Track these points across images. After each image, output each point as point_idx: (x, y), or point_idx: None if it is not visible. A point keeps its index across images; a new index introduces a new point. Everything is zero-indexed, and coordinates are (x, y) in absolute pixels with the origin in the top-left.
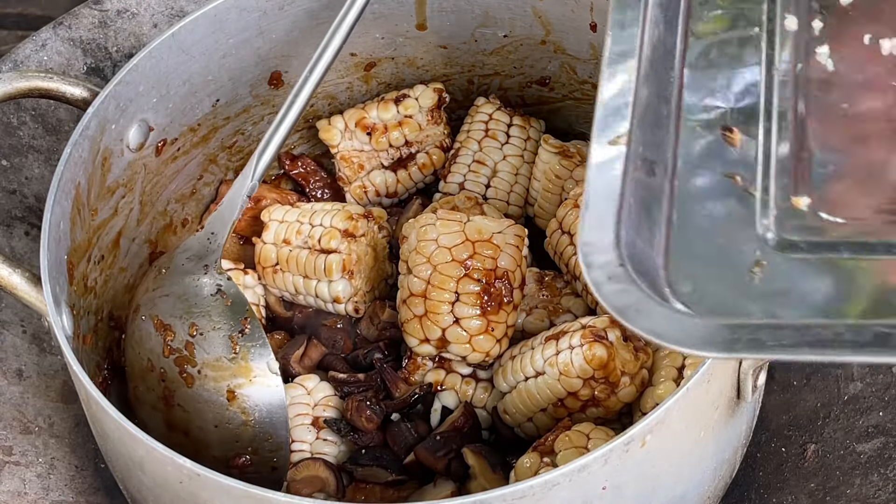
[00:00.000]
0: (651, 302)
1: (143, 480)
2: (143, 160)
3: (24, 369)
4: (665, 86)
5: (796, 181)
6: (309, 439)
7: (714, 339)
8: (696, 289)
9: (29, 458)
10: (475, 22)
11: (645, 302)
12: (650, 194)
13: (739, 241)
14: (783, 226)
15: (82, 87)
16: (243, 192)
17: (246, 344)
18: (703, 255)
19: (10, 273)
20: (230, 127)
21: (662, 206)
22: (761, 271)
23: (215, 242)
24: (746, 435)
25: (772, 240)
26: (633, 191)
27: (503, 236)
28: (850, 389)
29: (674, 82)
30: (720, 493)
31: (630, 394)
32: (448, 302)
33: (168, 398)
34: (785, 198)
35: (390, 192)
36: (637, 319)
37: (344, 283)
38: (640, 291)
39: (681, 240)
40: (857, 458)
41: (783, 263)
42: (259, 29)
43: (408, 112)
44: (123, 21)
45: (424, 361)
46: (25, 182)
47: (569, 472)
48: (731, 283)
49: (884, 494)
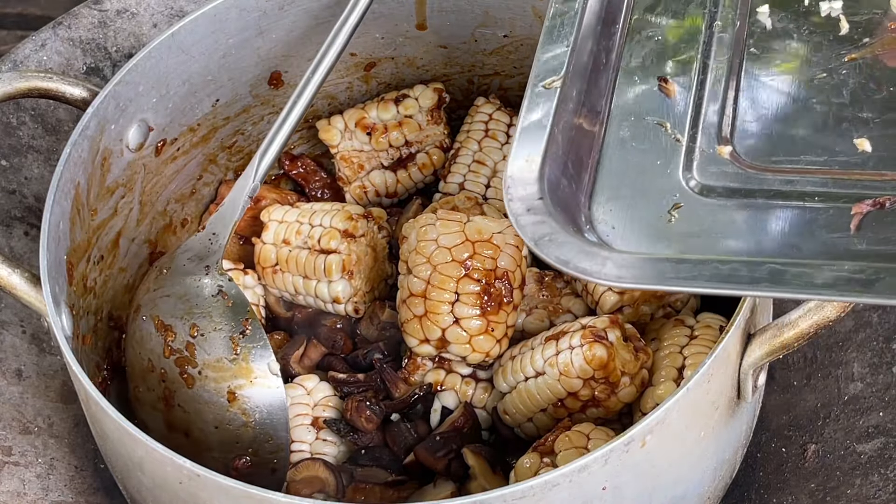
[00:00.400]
0: (564, 234)
1: (142, 481)
2: (142, 160)
3: (24, 369)
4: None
5: (721, 131)
6: (309, 439)
7: (619, 271)
8: (616, 227)
9: (28, 458)
10: (475, 22)
11: (559, 233)
12: (581, 136)
13: (662, 185)
14: (704, 172)
15: (82, 87)
16: (245, 192)
17: (247, 345)
18: (627, 196)
19: (10, 273)
20: (230, 127)
21: (592, 148)
22: (679, 213)
23: (217, 243)
24: (746, 435)
25: (692, 185)
26: (564, 131)
27: (503, 236)
28: (850, 390)
29: (616, 33)
30: (720, 493)
31: (630, 394)
32: (448, 302)
33: (168, 399)
34: (710, 146)
35: (390, 192)
36: (549, 248)
37: (344, 283)
38: (556, 223)
39: (607, 181)
40: (857, 459)
41: (700, 207)
42: (259, 29)
43: (408, 112)
44: (123, 21)
45: (424, 361)
46: (25, 182)
47: (569, 473)
48: (649, 224)
49: (884, 495)
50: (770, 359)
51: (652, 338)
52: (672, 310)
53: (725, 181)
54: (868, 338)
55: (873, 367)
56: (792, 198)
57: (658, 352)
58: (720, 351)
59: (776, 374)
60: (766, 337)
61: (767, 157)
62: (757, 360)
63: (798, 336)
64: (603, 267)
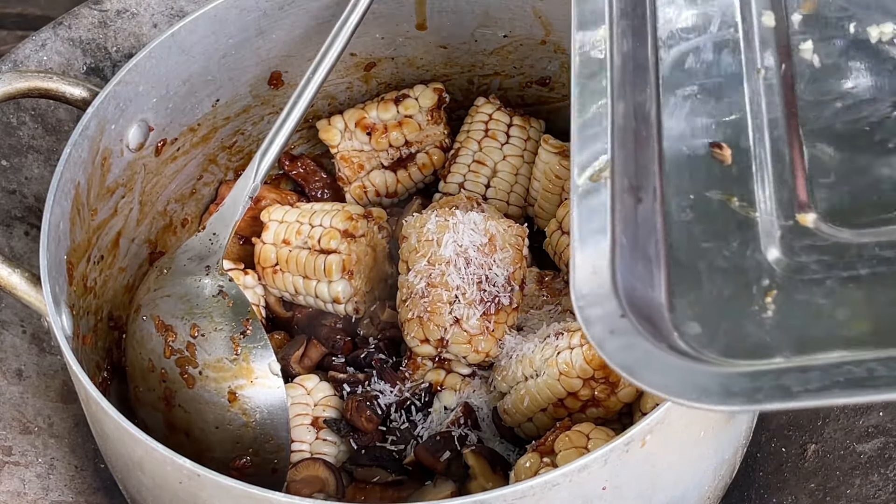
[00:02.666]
0: (660, 354)
1: (142, 481)
2: (142, 160)
3: (24, 369)
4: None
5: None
6: (309, 439)
7: (734, 390)
8: (706, 328)
9: (28, 458)
10: (475, 22)
11: (653, 355)
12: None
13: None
14: (791, 247)
15: (82, 87)
16: (245, 192)
17: (247, 345)
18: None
19: (10, 273)
20: (230, 127)
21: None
22: (773, 300)
23: (217, 243)
24: (746, 435)
25: (780, 264)
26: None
27: (503, 236)
28: None
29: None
30: (720, 493)
31: (630, 394)
32: (448, 302)
33: (169, 399)
34: (788, 215)
35: (390, 192)
36: (648, 377)
37: (344, 283)
38: (646, 342)
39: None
40: (857, 459)
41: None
42: (259, 29)
43: (408, 112)
44: (123, 21)
45: (424, 361)
46: (25, 182)
47: (569, 473)
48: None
49: (884, 495)
50: None
51: None
52: None
53: (818, 254)
54: None
55: None
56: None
57: None
58: None
59: None
60: None
61: (857, 217)
62: None
63: None
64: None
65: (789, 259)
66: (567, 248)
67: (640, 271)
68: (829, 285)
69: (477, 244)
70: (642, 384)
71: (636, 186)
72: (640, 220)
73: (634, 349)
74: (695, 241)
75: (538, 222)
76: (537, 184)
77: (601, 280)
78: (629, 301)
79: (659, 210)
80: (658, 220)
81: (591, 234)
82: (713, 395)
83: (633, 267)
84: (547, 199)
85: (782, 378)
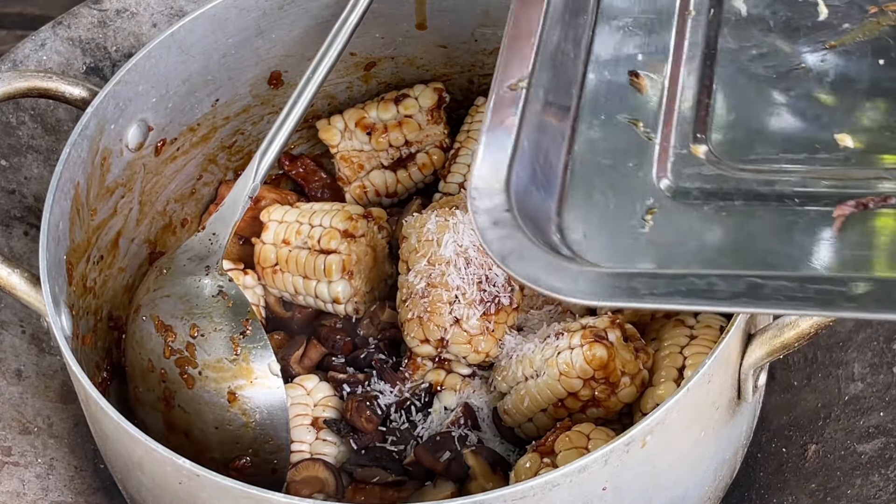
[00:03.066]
0: (534, 248)
1: (142, 481)
2: (142, 160)
3: (24, 369)
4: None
5: (696, 128)
6: (308, 440)
7: (591, 287)
8: (588, 236)
9: (28, 458)
10: (475, 22)
11: (528, 248)
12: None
13: (635, 189)
14: (679, 174)
15: (81, 86)
16: (245, 192)
17: (247, 345)
18: (598, 202)
19: (10, 273)
20: (230, 127)
21: (562, 151)
22: (653, 219)
23: (217, 243)
24: (747, 435)
25: (667, 188)
26: (531, 134)
27: None
28: (850, 390)
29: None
30: (721, 493)
31: (630, 394)
32: (448, 302)
33: (168, 399)
34: (684, 145)
35: (390, 192)
36: (518, 266)
37: (343, 283)
38: (525, 237)
39: (578, 186)
40: (857, 459)
41: (675, 212)
42: (259, 29)
43: (408, 112)
44: (123, 21)
45: (424, 361)
46: (24, 182)
47: (569, 473)
48: (622, 231)
49: (884, 495)
50: (770, 359)
51: (652, 338)
52: None
53: (701, 183)
54: (868, 338)
55: (874, 367)
56: (770, 200)
57: (658, 352)
58: (720, 351)
59: (776, 374)
60: (766, 337)
61: (744, 155)
62: (757, 361)
63: (798, 336)
64: (575, 284)
65: (675, 184)
66: None
67: (538, 177)
68: (705, 211)
69: (477, 244)
70: (513, 272)
71: (552, 102)
72: (548, 131)
73: (511, 240)
74: (596, 157)
75: None
76: None
77: (498, 177)
78: (518, 200)
79: (569, 126)
80: (566, 133)
81: (498, 134)
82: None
83: (532, 171)
84: None
85: (633, 281)
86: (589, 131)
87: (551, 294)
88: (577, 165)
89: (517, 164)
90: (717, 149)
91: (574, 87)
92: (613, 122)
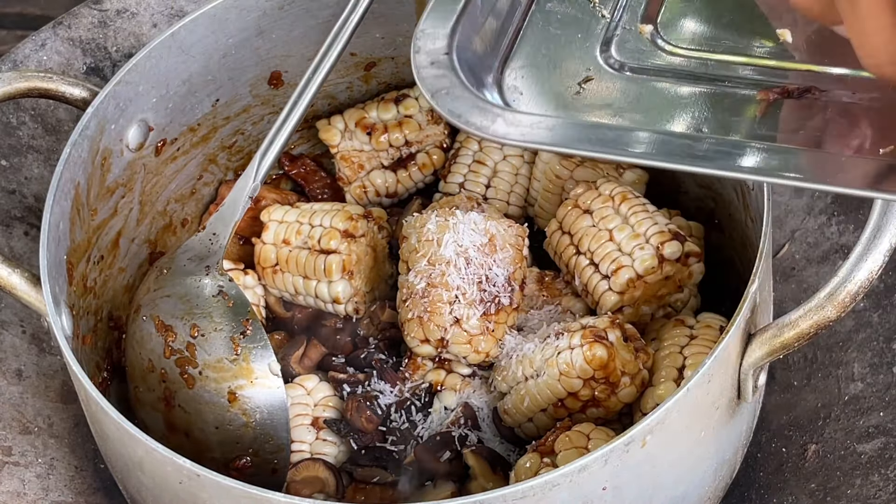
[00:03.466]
0: (463, 90)
1: (142, 481)
2: (142, 160)
3: (24, 369)
4: None
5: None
6: (309, 439)
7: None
8: (524, 94)
9: (28, 458)
10: None
11: (457, 88)
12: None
13: (578, 58)
14: (622, 49)
15: (82, 86)
16: (245, 192)
17: (247, 345)
18: (541, 66)
19: (10, 273)
20: (230, 127)
21: (515, 16)
22: (588, 87)
23: (217, 243)
24: (747, 435)
25: (607, 60)
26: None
27: (504, 236)
28: (850, 390)
29: None
30: (720, 493)
31: (630, 394)
32: (448, 302)
33: (169, 399)
34: (632, 24)
35: (390, 192)
36: (444, 101)
37: (344, 283)
38: (457, 79)
39: (524, 49)
40: (857, 459)
41: (609, 82)
42: (259, 29)
43: (408, 112)
44: (123, 21)
45: (424, 361)
46: (25, 182)
47: (569, 473)
48: (556, 94)
49: (884, 495)
50: (770, 359)
51: (652, 338)
52: (672, 310)
53: (640, 60)
54: (868, 338)
55: (873, 367)
56: (702, 80)
57: (658, 352)
58: (720, 351)
59: (776, 374)
60: (766, 337)
61: (688, 40)
62: (757, 361)
63: (798, 336)
64: (493, 123)
65: (615, 57)
66: (567, 248)
67: (486, 32)
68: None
69: (477, 244)
70: (438, 108)
71: None
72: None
73: (444, 80)
74: (547, 27)
75: (538, 222)
76: (537, 184)
77: (445, 24)
78: (460, 48)
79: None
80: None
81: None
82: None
83: (480, 26)
84: (547, 200)
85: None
86: (546, 2)
87: (470, 131)
88: (529, 31)
89: (467, 16)
90: (663, 31)
91: None
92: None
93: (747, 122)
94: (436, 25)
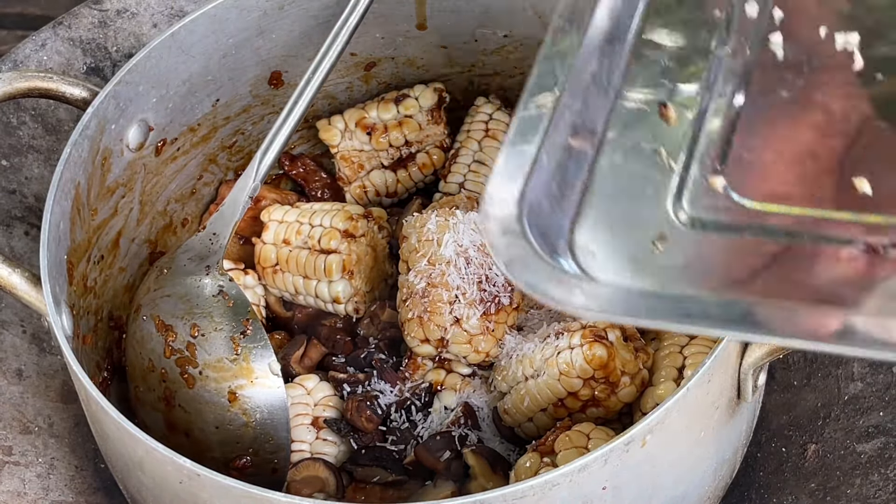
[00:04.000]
0: (537, 258)
1: (142, 481)
2: (142, 160)
3: (24, 369)
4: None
5: (717, 162)
6: (309, 439)
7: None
8: (597, 255)
9: (28, 458)
10: (475, 22)
11: (532, 258)
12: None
13: (650, 214)
14: (694, 204)
15: (82, 86)
16: (245, 192)
17: (248, 345)
18: (612, 224)
19: (10, 273)
20: (230, 127)
21: (582, 172)
22: (663, 245)
23: (217, 243)
24: (747, 435)
25: (680, 216)
26: (552, 152)
27: None
28: (850, 389)
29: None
30: (720, 493)
31: (630, 394)
32: (448, 302)
33: (169, 399)
34: (702, 177)
35: (390, 192)
36: (520, 273)
37: (344, 283)
38: (530, 248)
39: (593, 206)
40: (857, 459)
41: (685, 240)
42: (259, 29)
43: (408, 112)
44: (123, 21)
45: (424, 361)
46: (25, 182)
47: (569, 472)
48: (631, 254)
49: (884, 494)
50: (770, 359)
51: (652, 337)
52: None
53: (715, 215)
54: None
55: (873, 366)
56: (780, 237)
57: (658, 352)
58: (720, 351)
59: (776, 373)
60: None
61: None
62: (757, 360)
63: None
64: (572, 296)
65: (690, 213)
66: None
67: (554, 192)
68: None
69: (477, 244)
70: (515, 279)
71: (578, 123)
72: (570, 148)
73: (518, 248)
74: (616, 181)
75: None
76: None
77: (513, 188)
78: (531, 212)
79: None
80: (589, 155)
81: (519, 148)
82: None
83: (548, 186)
84: None
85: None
86: (613, 156)
87: (551, 304)
88: (596, 187)
89: (534, 179)
90: (735, 184)
91: (602, 112)
92: (638, 149)
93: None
94: (503, 190)
